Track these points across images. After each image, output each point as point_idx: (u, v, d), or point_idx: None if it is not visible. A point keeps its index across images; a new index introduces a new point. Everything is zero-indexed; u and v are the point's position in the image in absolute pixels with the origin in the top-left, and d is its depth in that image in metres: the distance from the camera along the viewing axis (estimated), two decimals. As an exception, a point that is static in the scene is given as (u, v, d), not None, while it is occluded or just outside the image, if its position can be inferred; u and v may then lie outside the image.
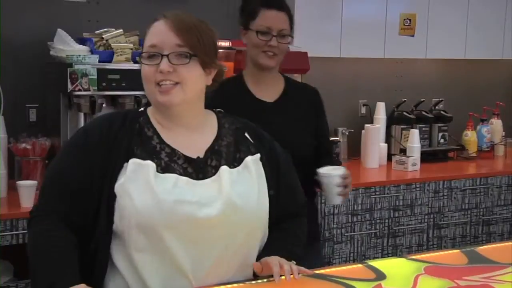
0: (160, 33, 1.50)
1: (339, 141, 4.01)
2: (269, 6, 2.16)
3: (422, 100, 4.35)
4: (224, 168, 1.52)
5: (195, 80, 1.52)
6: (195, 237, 1.46)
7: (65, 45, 3.04)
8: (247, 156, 1.58)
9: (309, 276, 1.51)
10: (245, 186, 1.53)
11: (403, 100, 4.30)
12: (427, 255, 1.72)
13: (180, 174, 1.49)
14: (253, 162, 1.57)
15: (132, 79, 2.74)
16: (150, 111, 1.58)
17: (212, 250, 1.48)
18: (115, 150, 1.49)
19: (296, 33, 3.67)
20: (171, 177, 1.47)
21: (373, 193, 3.61)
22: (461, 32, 4.30)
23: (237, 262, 1.53)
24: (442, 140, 4.36)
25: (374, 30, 3.99)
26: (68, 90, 2.91)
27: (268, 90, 2.21)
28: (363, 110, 4.33)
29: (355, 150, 4.13)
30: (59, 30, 3.10)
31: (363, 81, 4.33)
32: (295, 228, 1.70)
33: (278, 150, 1.69)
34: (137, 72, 1.59)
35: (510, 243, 1.92)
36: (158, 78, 1.48)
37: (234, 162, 1.56)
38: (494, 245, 1.89)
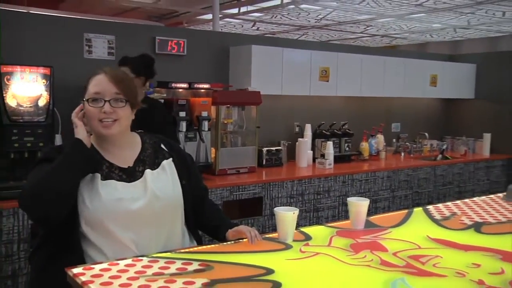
0: (102, 84, 1.40)
1: (282, 149, 4.01)
2: None
3: (334, 122, 4.41)
4: (147, 171, 1.45)
5: (127, 117, 1.44)
6: (132, 223, 1.38)
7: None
8: (163, 160, 1.50)
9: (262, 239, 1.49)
10: (163, 182, 1.45)
11: (322, 122, 4.33)
12: (338, 223, 1.70)
13: (118, 180, 1.41)
14: (167, 165, 1.49)
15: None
16: (92, 138, 1.47)
17: (146, 229, 1.40)
18: None
19: (253, 78, 3.79)
20: (111, 183, 1.40)
21: (304, 183, 3.62)
22: (357, 79, 4.33)
23: (167, 234, 1.45)
24: (347, 148, 4.39)
25: (303, 77, 3.99)
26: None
27: None
28: (297, 129, 4.32)
29: (292, 155, 4.14)
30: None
31: (297, 110, 4.33)
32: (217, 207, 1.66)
33: (184, 152, 1.61)
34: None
35: (388, 214, 1.95)
36: (101, 117, 1.39)
37: (154, 166, 1.47)
38: (379, 216, 1.87)
